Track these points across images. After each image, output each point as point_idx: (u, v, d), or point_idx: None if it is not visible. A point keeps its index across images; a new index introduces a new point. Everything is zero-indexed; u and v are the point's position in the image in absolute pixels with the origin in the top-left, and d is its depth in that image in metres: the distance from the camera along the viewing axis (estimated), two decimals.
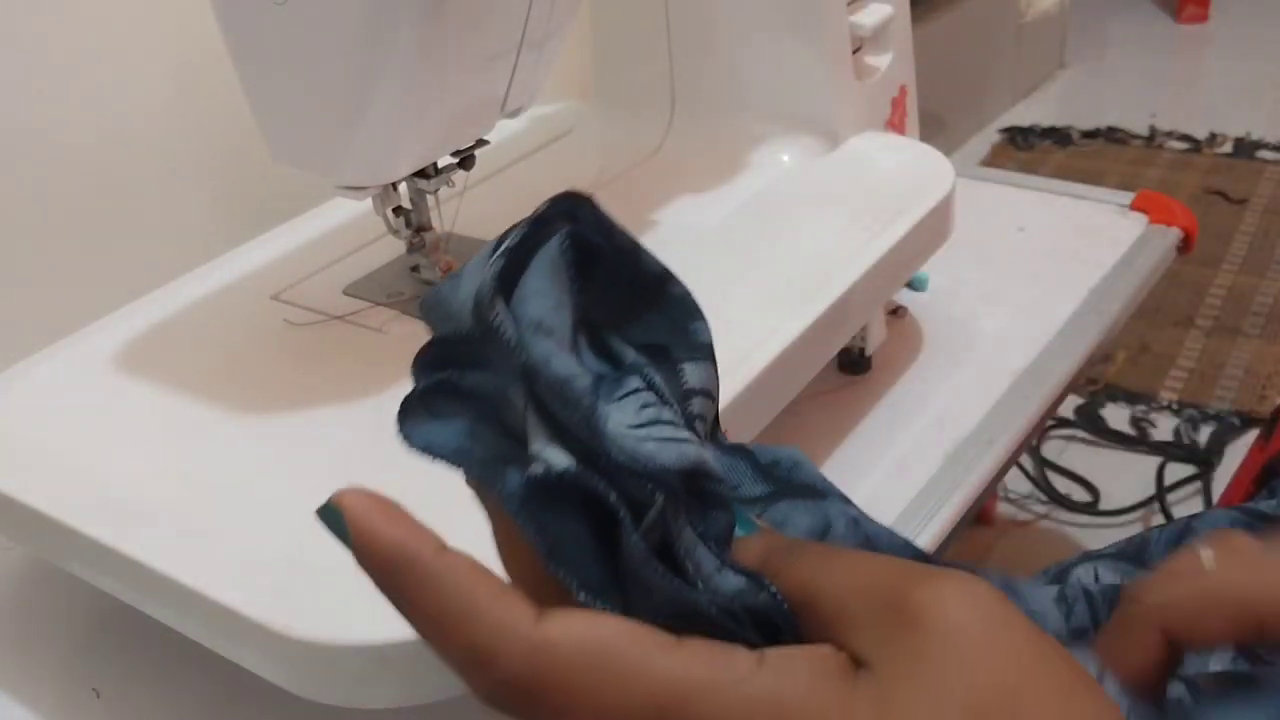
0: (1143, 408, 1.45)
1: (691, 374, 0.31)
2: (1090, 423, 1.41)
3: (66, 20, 0.67)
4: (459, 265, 0.62)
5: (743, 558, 0.28)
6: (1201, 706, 0.29)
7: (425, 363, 0.30)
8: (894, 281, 0.64)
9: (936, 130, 1.93)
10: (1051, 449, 1.37)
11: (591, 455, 0.27)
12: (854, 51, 0.72)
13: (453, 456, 0.29)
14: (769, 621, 0.27)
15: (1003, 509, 1.28)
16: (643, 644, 0.25)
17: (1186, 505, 1.28)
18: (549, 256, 0.28)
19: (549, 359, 0.27)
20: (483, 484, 0.28)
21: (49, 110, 0.68)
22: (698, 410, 0.30)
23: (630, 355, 0.30)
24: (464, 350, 0.29)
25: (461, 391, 0.30)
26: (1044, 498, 1.29)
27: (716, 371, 0.31)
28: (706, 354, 0.31)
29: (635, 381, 0.29)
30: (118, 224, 0.72)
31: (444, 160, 0.59)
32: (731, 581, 0.27)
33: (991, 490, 0.80)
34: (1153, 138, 2.15)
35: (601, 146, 0.78)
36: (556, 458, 0.27)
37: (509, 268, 0.28)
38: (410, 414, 0.30)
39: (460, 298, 0.29)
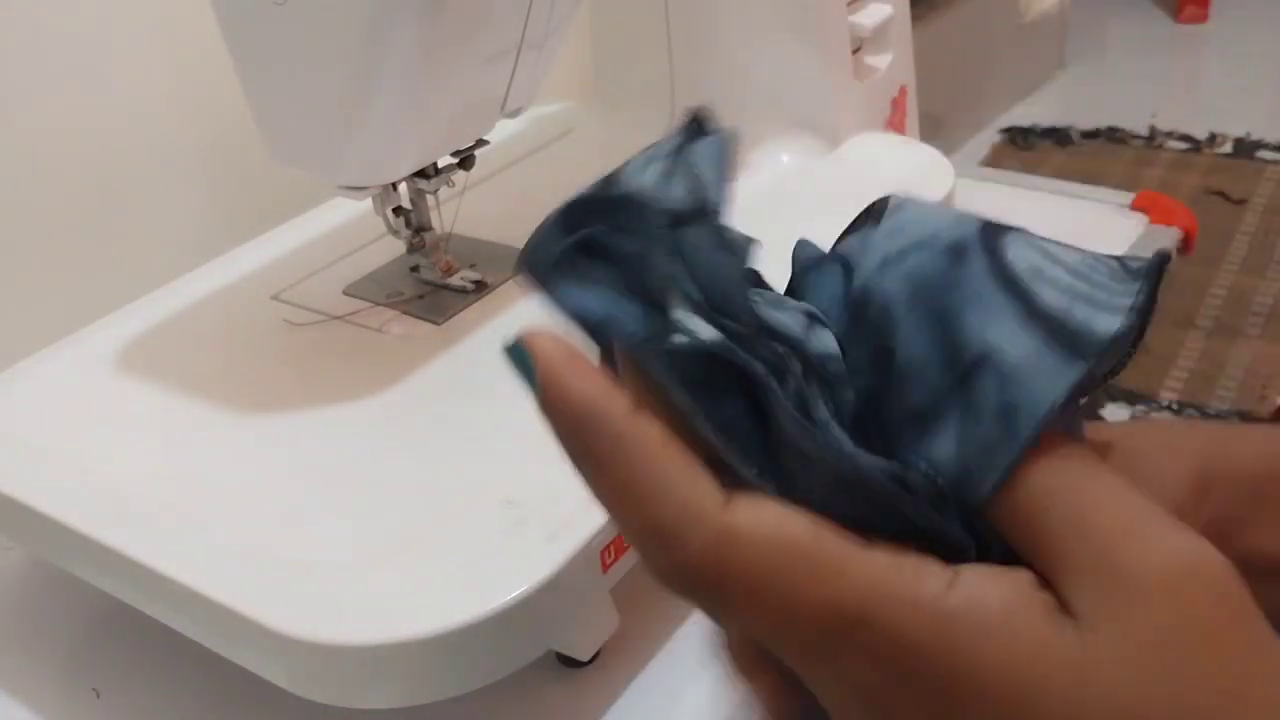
0: (1143, 408, 1.45)
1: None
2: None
3: (66, 20, 0.67)
4: (459, 265, 0.62)
5: None
6: None
7: (560, 223, 0.28)
8: None
9: (936, 130, 1.93)
10: None
11: (733, 322, 0.25)
12: (854, 51, 0.72)
13: (607, 323, 0.26)
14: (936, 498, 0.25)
15: None
16: (833, 545, 0.23)
17: None
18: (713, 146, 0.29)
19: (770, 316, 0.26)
20: (642, 355, 0.25)
21: (48, 110, 0.68)
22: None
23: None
24: (605, 211, 0.28)
25: (606, 250, 0.27)
26: None
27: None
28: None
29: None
30: (118, 224, 0.72)
31: (444, 160, 0.59)
32: (872, 463, 0.25)
33: None
34: (1153, 138, 2.15)
35: (601, 146, 0.78)
36: (703, 328, 0.25)
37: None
38: (553, 275, 0.27)
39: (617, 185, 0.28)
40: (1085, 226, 0.75)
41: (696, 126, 0.28)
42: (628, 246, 0.27)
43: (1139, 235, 0.73)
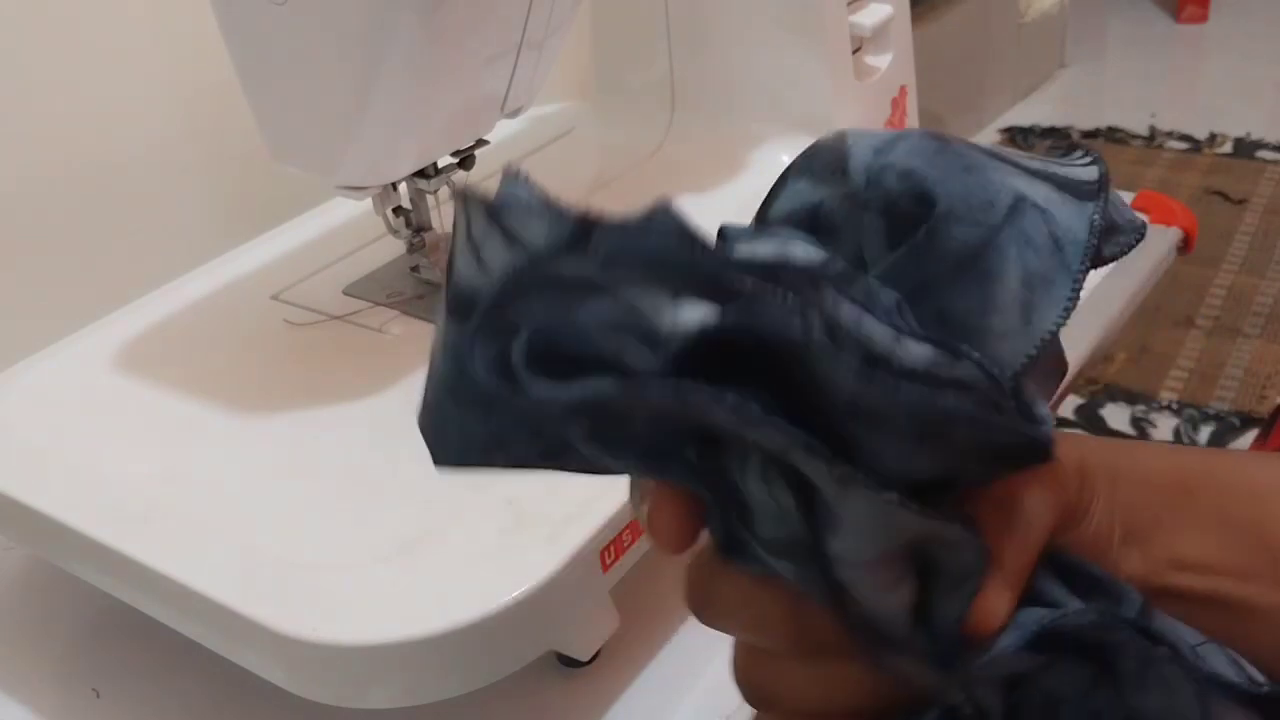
0: (1143, 408, 1.45)
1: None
2: (1090, 423, 1.41)
3: (67, 20, 0.67)
4: None
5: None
6: None
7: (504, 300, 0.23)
8: None
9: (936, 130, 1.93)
10: None
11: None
12: (854, 51, 0.72)
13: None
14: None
15: None
16: None
17: None
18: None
19: (786, 255, 0.25)
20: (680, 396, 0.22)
21: (49, 110, 0.68)
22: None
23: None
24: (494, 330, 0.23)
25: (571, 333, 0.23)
26: None
27: None
28: None
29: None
30: (118, 224, 0.72)
31: (444, 160, 0.59)
32: (916, 350, 0.23)
33: None
34: (1153, 138, 2.15)
35: (601, 146, 0.78)
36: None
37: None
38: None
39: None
40: None
41: (471, 198, 0.23)
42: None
43: None
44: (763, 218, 0.30)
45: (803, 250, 0.26)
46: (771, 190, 0.30)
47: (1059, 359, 0.29)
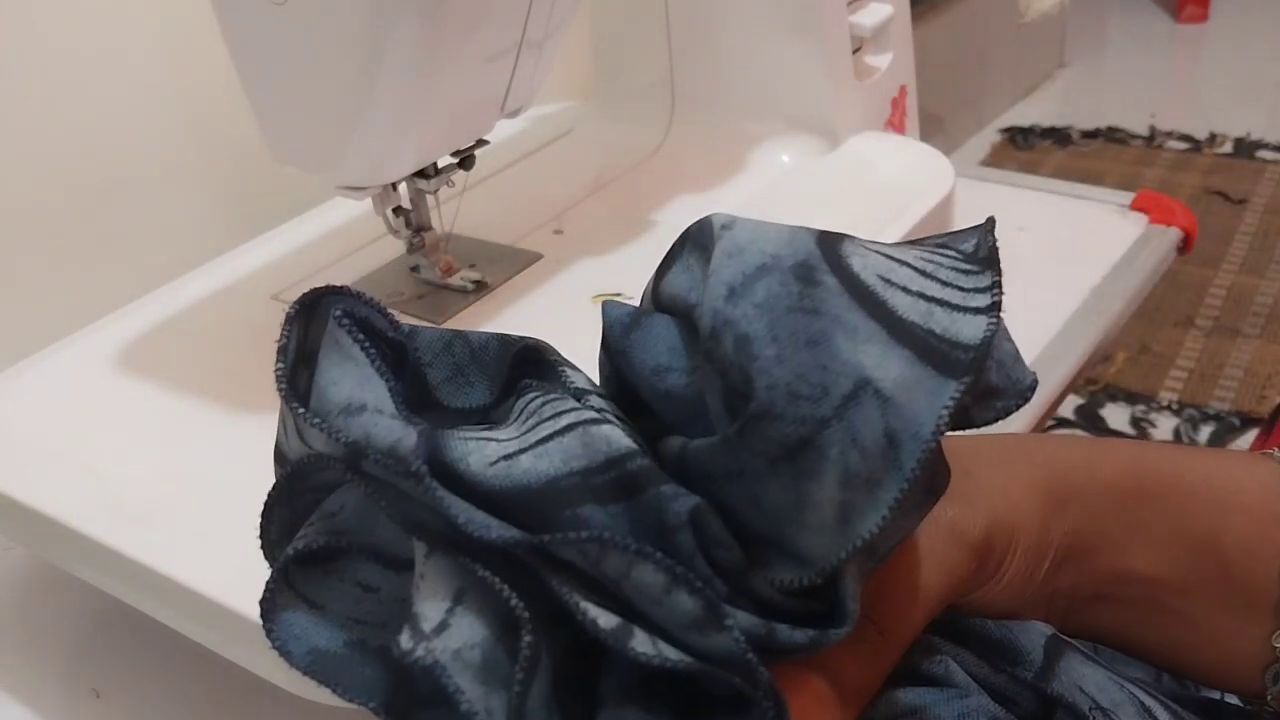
0: (1143, 408, 1.45)
1: (575, 377, 0.29)
2: (1090, 423, 1.41)
3: (67, 21, 0.67)
4: (459, 265, 0.62)
5: None
6: None
7: (276, 511, 0.28)
8: None
9: (936, 130, 1.93)
10: None
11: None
12: (854, 51, 0.72)
13: (318, 665, 0.26)
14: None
15: None
16: None
17: None
18: (330, 340, 0.27)
19: (368, 433, 0.25)
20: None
21: (49, 111, 0.68)
22: (596, 405, 0.27)
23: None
24: (315, 478, 0.27)
25: (328, 552, 0.27)
26: None
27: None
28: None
29: (526, 396, 0.27)
30: (118, 224, 0.72)
31: (444, 160, 0.59)
32: (682, 606, 0.24)
33: None
34: (1153, 138, 2.15)
35: (601, 146, 0.78)
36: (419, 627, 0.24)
37: (294, 375, 0.27)
38: (276, 606, 0.26)
39: (288, 439, 0.28)
40: (1085, 227, 0.75)
41: (307, 310, 0.28)
42: (348, 518, 0.27)
43: (1139, 235, 0.73)
44: (657, 284, 0.30)
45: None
46: (666, 256, 0.30)
47: (934, 477, 0.27)
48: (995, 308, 0.25)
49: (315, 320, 0.28)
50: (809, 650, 0.25)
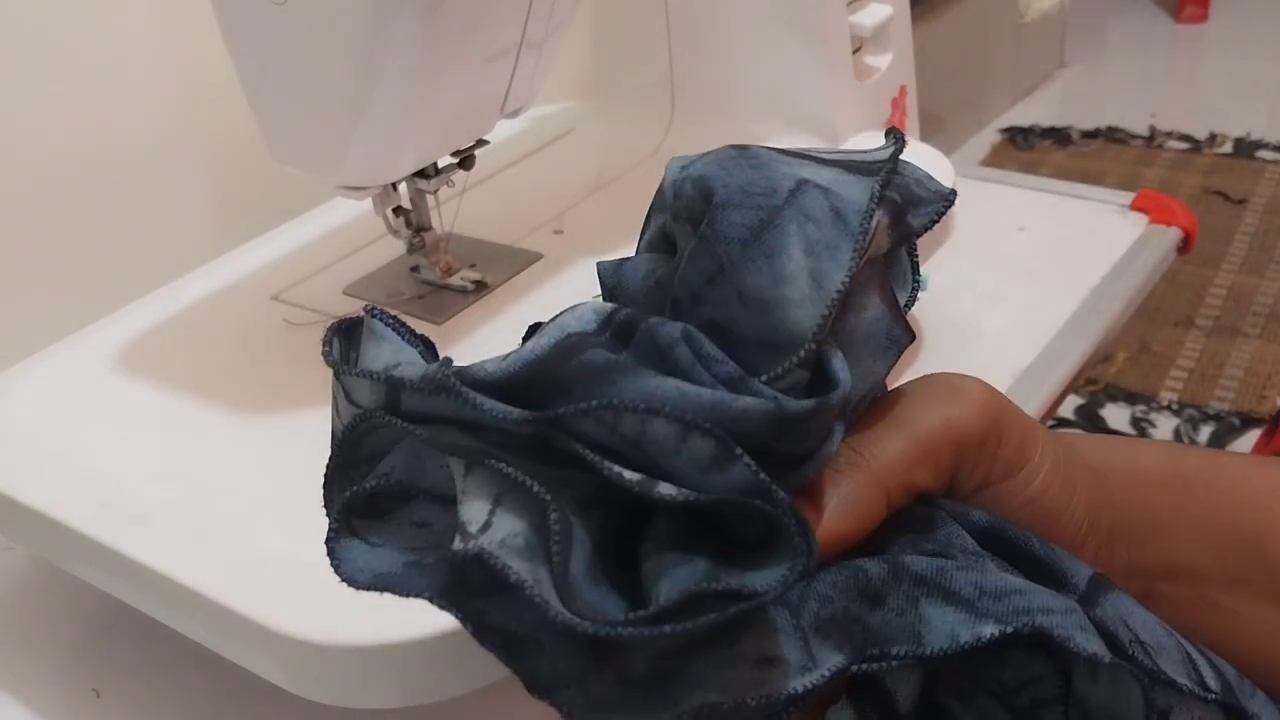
0: (1143, 408, 1.45)
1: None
2: (1090, 423, 1.41)
3: (67, 20, 0.67)
4: (459, 265, 0.62)
5: None
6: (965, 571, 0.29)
7: (335, 481, 0.31)
8: None
9: (936, 130, 1.93)
10: None
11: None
12: (854, 51, 0.72)
13: (401, 584, 0.29)
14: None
15: None
16: None
17: None
18: (368, 329, 0.30)
19: (404, 374, 0.28)
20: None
21: (49, 110, 0.68)
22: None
23: None
24: (365, 446, 0.30)
25: (383, 495, 0.30)
26: None
27: None
28: None
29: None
30: (118, 224, 0.72)
31: (444, 160, 0.59)
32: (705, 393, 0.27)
33: None
34: (1153, 138, 2.16)
35: (601, 146, 0.78)
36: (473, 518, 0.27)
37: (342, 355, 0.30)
38: (339, 542, 0.29)
39: (339, 415, 0.31)
40: (1085, 227, 0.75)
41: (348, 327, 0.31)
42: (399, 466, 0.30)
43: (1139, 235, 0.73)
44: (640, 244, 0.34)
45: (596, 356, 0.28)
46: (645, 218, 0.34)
47: (898, 331, 0.31)
48: (900, 143, 0.30)
49: (354, 331, 0.31)
50: (814, 423, 0.28)
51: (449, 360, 0.28)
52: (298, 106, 0.54)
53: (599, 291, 0.33)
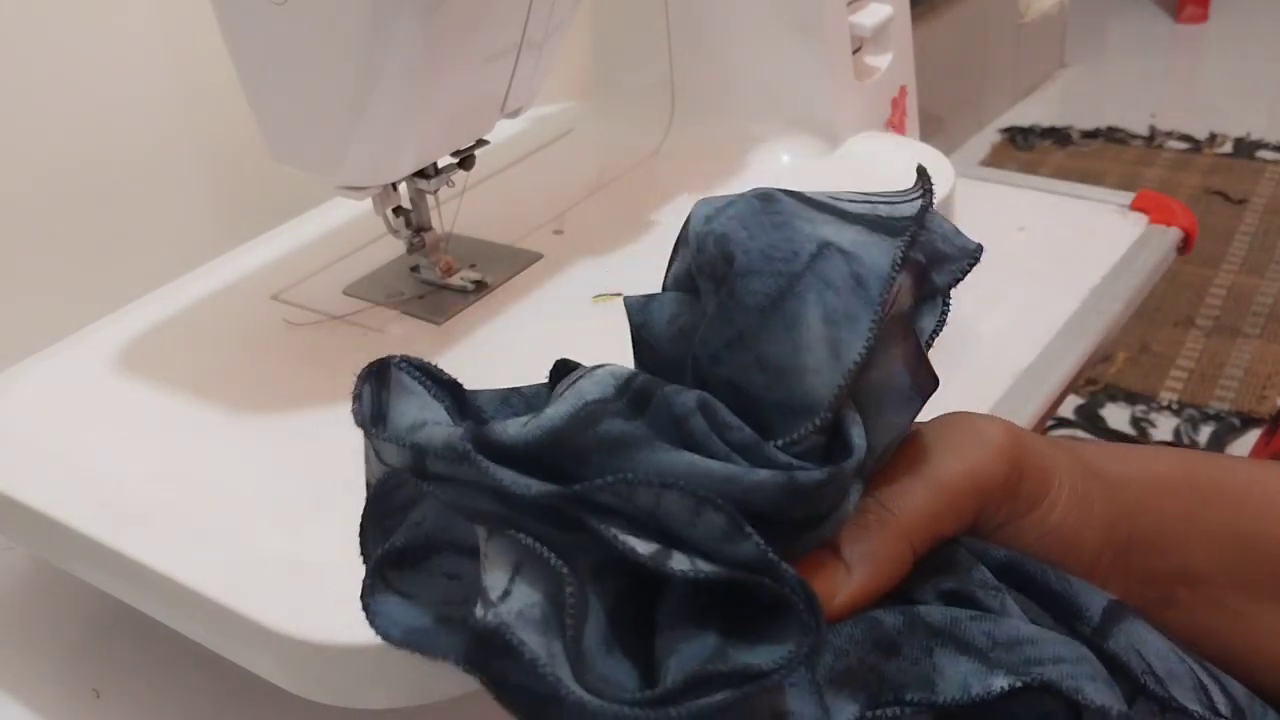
0: (1143, 408, 1.45)
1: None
2: (1090, 423, 1.41)
3: (67, 20, 0.67)
4: (459, 265, 0.62)
5: None
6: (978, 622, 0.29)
7: (369, 531, 0.32)
8: None
9: (936, 130, 1.93)
10: None
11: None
12: (854, 51, 0.72)
13: (420, 640, 0.30)
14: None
15: None
16: None
17: None
18: (395, 383, 0.31)
19: (429, 437, 0.28)
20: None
21: (49, 110, 0.68)
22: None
23: None
24: (397, 498, 0.32)
25: (414, 548, 0.31)
26: None
27: None
28: None
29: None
30: (118, 224, 0.72)
31: (444, 160, 0.59)
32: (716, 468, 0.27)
33: None
34: (1153, 138, 2.15)
35: (601, 146, 0.78)
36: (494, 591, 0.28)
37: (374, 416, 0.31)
38: (373, 593, 0.31)
39: (371, 469, 0.32)
40: (1085, 227, 0.75)
41: (377, 371, 0.32)
42: (428, 523, 0.31)
43: (1139, 235, 0.73)
44: (664, 282, 0.35)
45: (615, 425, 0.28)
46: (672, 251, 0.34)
47: (922, 379, 0.31)
48: (927, 195, 0.30)
49: (384, 378, 0.32)
50: (828, 490, 0.28)
51: (471, 426, 0.28)
52: (298, 106, 0.54)
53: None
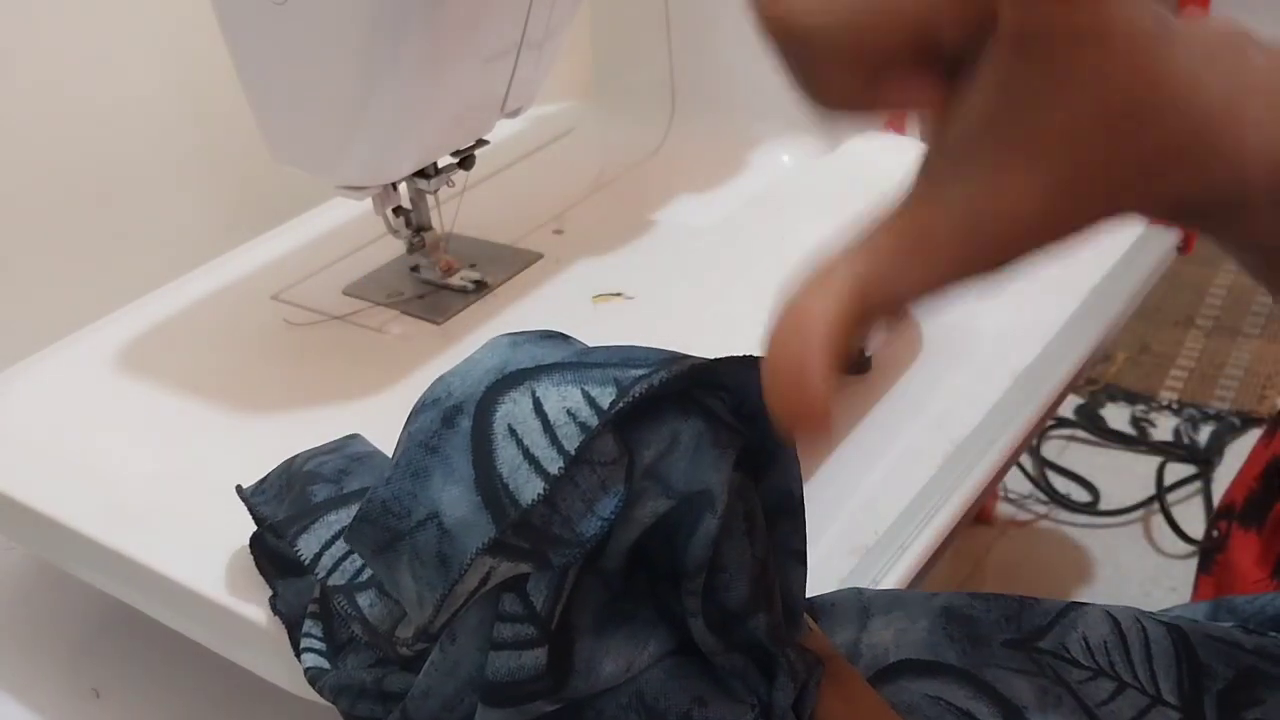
0: (1143, 407, 1.45)
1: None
2: (1090, 422, 1.41)
3: (67, 20, 0.67)
4: (459, 265, 0.62)
5: None
6: None
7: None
8: None
9: None
10: (1051, 449, 1.37)
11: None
12: None
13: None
14: None
15: (1003, 509, 1.28)
16: None
17: (1186, 505, 1.28)
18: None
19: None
20: None
21: (49, 110, 0.68)
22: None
23: None
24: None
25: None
26: (1044, 497, 1.29)
27: None
28: None
29: None
30: (118, 224, 0.72)
31: (444, 160, 0.59)
32: None
33: (992, 490, 0.79)
34: None
35: (601, 146, 0.78)
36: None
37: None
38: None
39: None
40: None
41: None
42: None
43: (1139, 235, 0.73)
44: None
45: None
46: None
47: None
48: (565, 472, 0.30)
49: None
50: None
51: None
52: (298, 106, 0.54)
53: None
